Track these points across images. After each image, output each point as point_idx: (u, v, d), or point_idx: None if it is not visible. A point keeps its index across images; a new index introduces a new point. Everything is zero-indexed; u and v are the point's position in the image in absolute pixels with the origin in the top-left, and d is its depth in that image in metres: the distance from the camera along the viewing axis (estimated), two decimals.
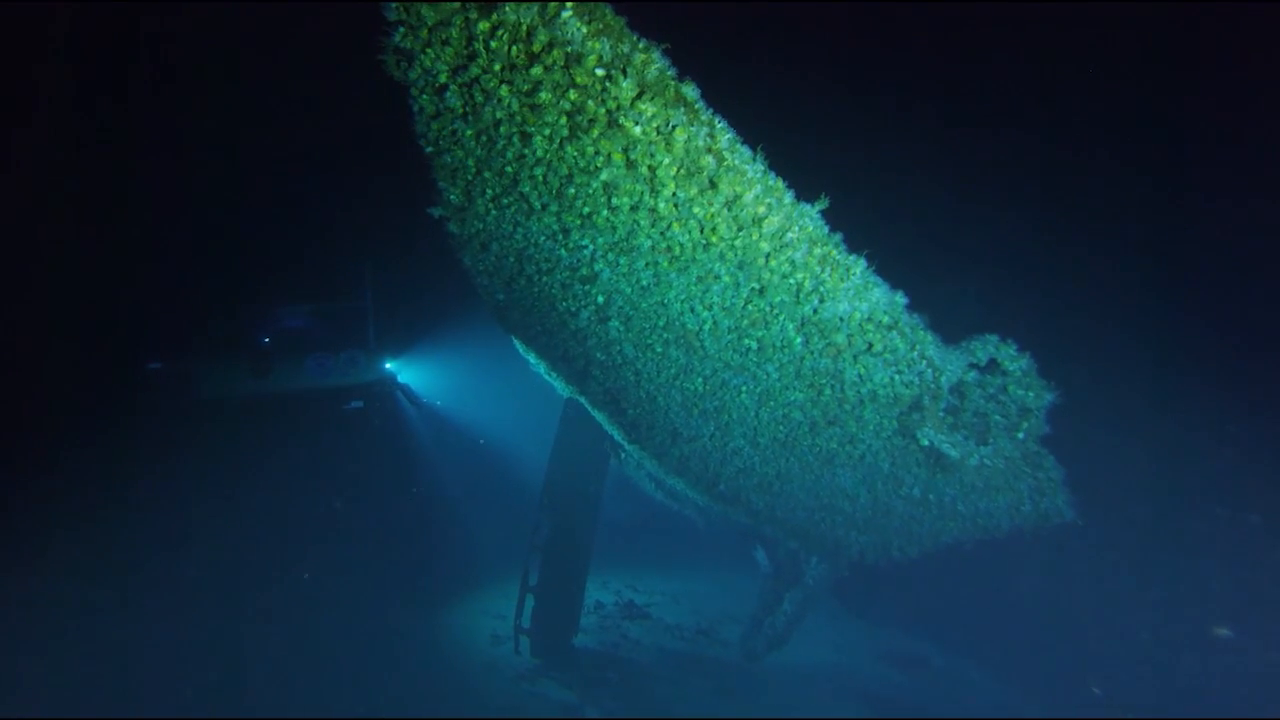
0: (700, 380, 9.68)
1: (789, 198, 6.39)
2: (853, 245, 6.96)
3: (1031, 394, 7.99)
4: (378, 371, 16.04)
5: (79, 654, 11.68)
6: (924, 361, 7.70)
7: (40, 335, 12.48)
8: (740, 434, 10.29)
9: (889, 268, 7.15)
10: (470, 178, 7.95)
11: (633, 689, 14.14)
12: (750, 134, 6.15)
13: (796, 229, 6.55)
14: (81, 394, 12.68)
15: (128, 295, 13.75)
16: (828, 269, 6.85)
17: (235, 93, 15.16)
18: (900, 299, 7.21)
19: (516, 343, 14.54)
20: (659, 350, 9.49)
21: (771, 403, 9.36)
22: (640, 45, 5.54)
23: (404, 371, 17.57)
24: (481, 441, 21.30)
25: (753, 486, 11.36)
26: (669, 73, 5.68)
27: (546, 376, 15.80)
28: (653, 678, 14.70)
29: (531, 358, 14.94)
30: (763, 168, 6.23)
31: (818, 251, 6.72)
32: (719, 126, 5.96)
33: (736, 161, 6.10)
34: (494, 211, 8.46)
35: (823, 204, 6.51)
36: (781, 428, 9.74)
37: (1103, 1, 11.91)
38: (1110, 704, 12.52)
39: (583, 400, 14.18)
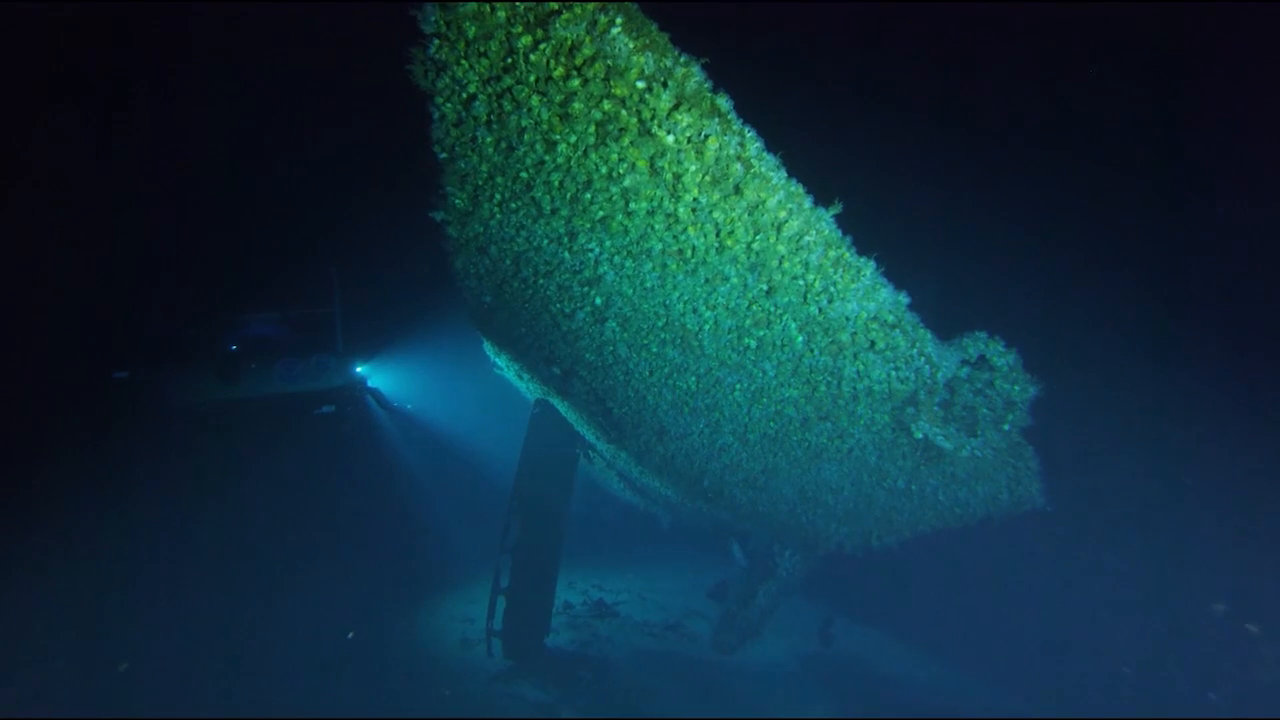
0: (693, 379, 9.93)
1: (808, 203, 6.71)
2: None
3: (1017, 388, 8.48)
4: (348, 376, 15.91)
5: (68, 658, 11.47)
6: (923, 358, 8.13)
7: (5, 345, 12.13)
8: (730, 430, 10.58)
9: (891, 268, 7.54)
10: (480, 182, 8.02)
11: (607, 687, 14.31)
12: (772, 141, 6.45)
13: (814, 233, 6.88)
14: (47, 404, 12.36)
15: (93, 304, 13.44)
16: (840, 270, 7.22)
17: (202, 101, 14.94)
18: (904, 299, 7.61)
19: (487, 347, 14.57)
20: (654, 350, 9.69)
21: (765, 399, 9.67)
22: (682, 60, 5.79)
23: (374, 375, 17.47)
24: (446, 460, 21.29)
25: (738, 482, 11.67)
26: (706, 85, 5.94)
27: (515, 381, 15.86)
28: (626, 675, 14.88)
29: (501, 361, 14.98)
30: (785, 174, 6.54)
31: (832, 254, 7.08)
32: (749, 135, 6.24)
33: (763, 169, 6.40)
34: (499, 215, 8.54)
35: (837, 209, 6.85)
36: (772, 424, 10.07)
37: (1102, 2, 12.56)
38: (1139, 684, 12.96)
39: (554, 402, 14.30)
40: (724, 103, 6.06)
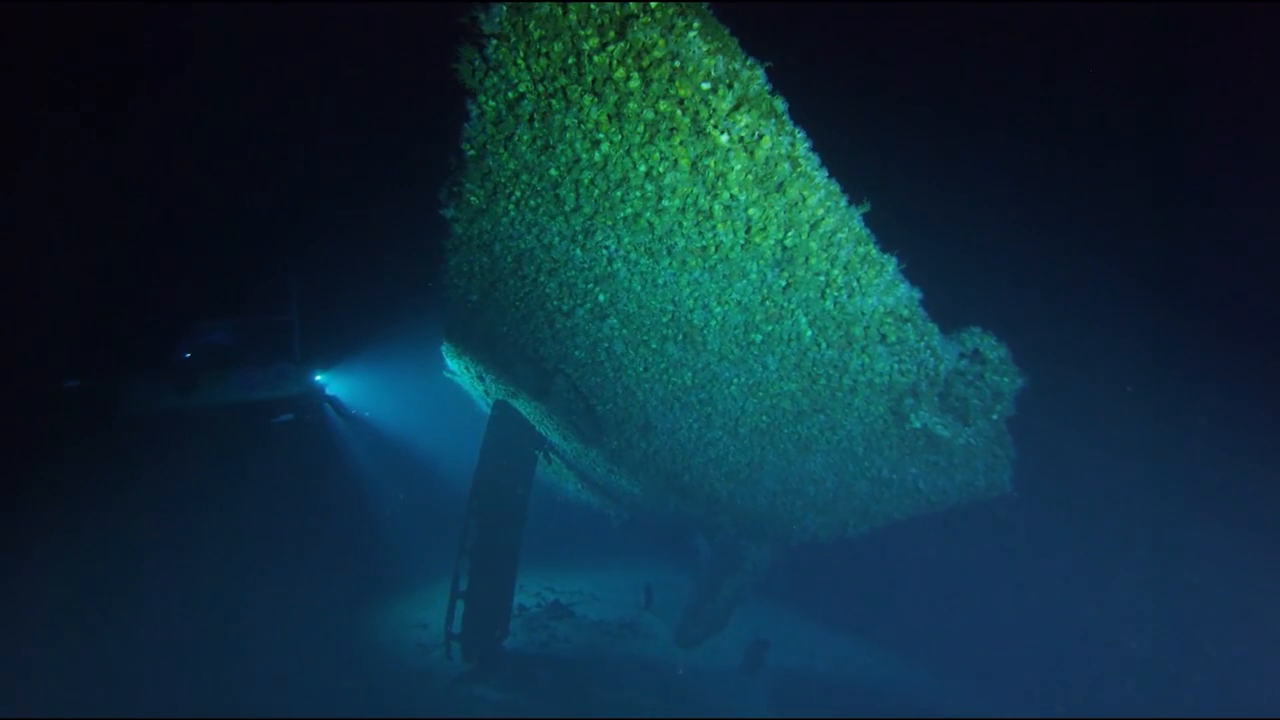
0: (689, 374, 10.13)
1: (844, 201, 7.07)
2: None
3: (1006, 380, 9.05)
4: (306, 384, 15.55)
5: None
6: (928, 351, 8.61)
7: None
8: (720, 425, 10.84)
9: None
10: (502, 179, 8.04)
11: (568, 686, 14.44)
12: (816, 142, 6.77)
13: (846, 230, 7.25)
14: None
15: (45, 311, 12.84)
16: (865, 266, 7.62)
17: (160, 107, 14.44)
18: (917, 294, 8.07)
19: (445, 349, 14.41)
20: (654, 346, 9.84)
21: (761, 393, 9.96)
22: (748, 63, 6.06)
23: (332, 383, 17.13)
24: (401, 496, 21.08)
25: (721, 476, 11.94)
26: (767, 87, 6.22)
27: (470, 384, 15.71)
28: (586, 674, 15.03)
29: (459, 365, 14.82)
30: (826, 173, 6.88)
31: (860, 250, 7.47)
32: (799, 136, 6.56)
33: (809, 168, 6.72)
34: (513, 213, 8.55)
35: (865, 207, 7.24)
36: (765, 417, 10.38)
37: (1104, 4, 13.32)
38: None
39: (518, 404, 14.26)
40: (780, 104, 6.35)
